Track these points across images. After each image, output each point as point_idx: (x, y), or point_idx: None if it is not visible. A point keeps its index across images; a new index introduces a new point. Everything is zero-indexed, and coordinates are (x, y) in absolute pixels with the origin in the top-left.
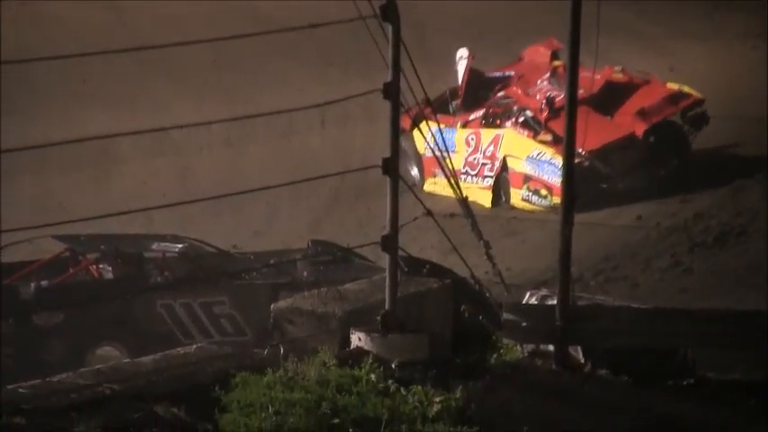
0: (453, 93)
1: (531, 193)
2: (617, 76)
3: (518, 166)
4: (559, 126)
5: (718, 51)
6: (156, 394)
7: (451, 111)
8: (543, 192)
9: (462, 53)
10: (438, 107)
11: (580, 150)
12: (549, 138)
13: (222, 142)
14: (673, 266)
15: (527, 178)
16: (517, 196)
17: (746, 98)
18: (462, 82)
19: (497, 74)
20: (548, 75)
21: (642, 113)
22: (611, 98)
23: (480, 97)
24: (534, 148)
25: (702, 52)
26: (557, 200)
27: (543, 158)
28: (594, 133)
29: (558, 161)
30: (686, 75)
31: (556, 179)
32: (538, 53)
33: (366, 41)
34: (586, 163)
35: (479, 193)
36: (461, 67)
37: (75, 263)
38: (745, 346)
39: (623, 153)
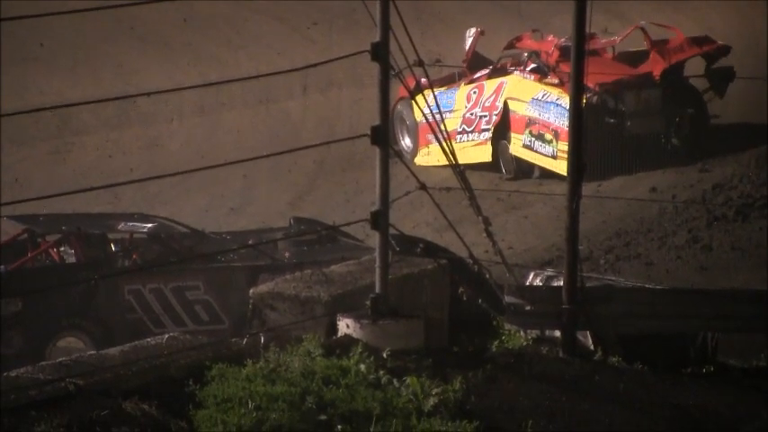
0: (461, 74)
1: (533, 138)
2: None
3: (521, 108)
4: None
5: (737, 3)
6: (124, 389)
7: (457, 78)
8: (548, 136)
9: (470, 31)
10: (445, 81)
11: (590, 86)
12: (555, 81)
13: (194, 111)
14: (690, 243)
15: (530, 122)
16: (518, 143)
17: None
18: (469, 49)
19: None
20: (565, 38)
21: (662, 51)
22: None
23: (487, 63)
24: (540, 89)
25: (720, 4)
26: (563, 146)
27: (549, 99)
28: (608, 73)
29: (565, 102)
30: (703, 30)
31: (563, 122)
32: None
33: None
34: (595, 98)
35: (475, 152)
36: (469, 43)
37: (34, 245)
38: None
39: (637, 92)
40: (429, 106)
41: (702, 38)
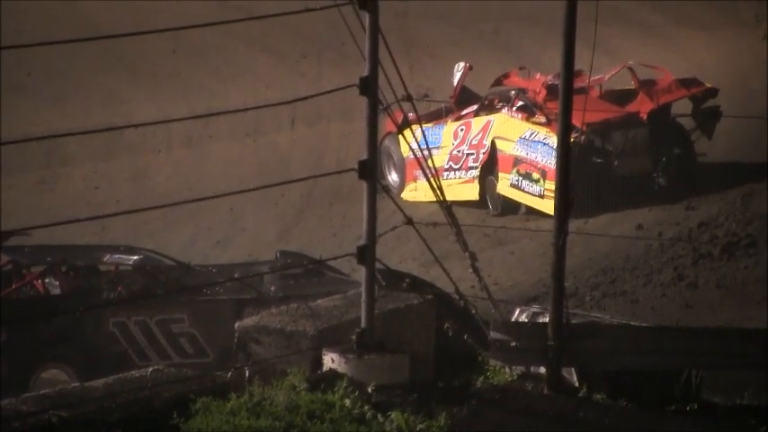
0: (449, 109)
1: (521, 178)
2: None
3: (508, 148)
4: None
5: (726, 40)
6: (108, 422)
7: (444, 113)
8: (535, 175)
9: (459, 66)
10: (432, 116)
11: (577, 125)
12: (543, 120)
13: (182, 142)
14: (676, 280)
15: (517, 161)
16: (505, 182)
17: (757, 92)
18: (457, 85)
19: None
20: (552, 75)
21: (650, 92)
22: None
23: (475, 98)
24: (527, 128)
25: (709, 41)
26: (550, 185)
27: (536, 138)
28: (595, 113)
29: (553, 141)
30: (692, 67)
31: (550, 161)
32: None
33: (341, 31)
34: (582, 137)
35: (462, 189)
36: (457, 78)
37: (19, 276)
38: (754, 367)
39: (624, 132)
40: (417, 141)
41: (690, 80)
